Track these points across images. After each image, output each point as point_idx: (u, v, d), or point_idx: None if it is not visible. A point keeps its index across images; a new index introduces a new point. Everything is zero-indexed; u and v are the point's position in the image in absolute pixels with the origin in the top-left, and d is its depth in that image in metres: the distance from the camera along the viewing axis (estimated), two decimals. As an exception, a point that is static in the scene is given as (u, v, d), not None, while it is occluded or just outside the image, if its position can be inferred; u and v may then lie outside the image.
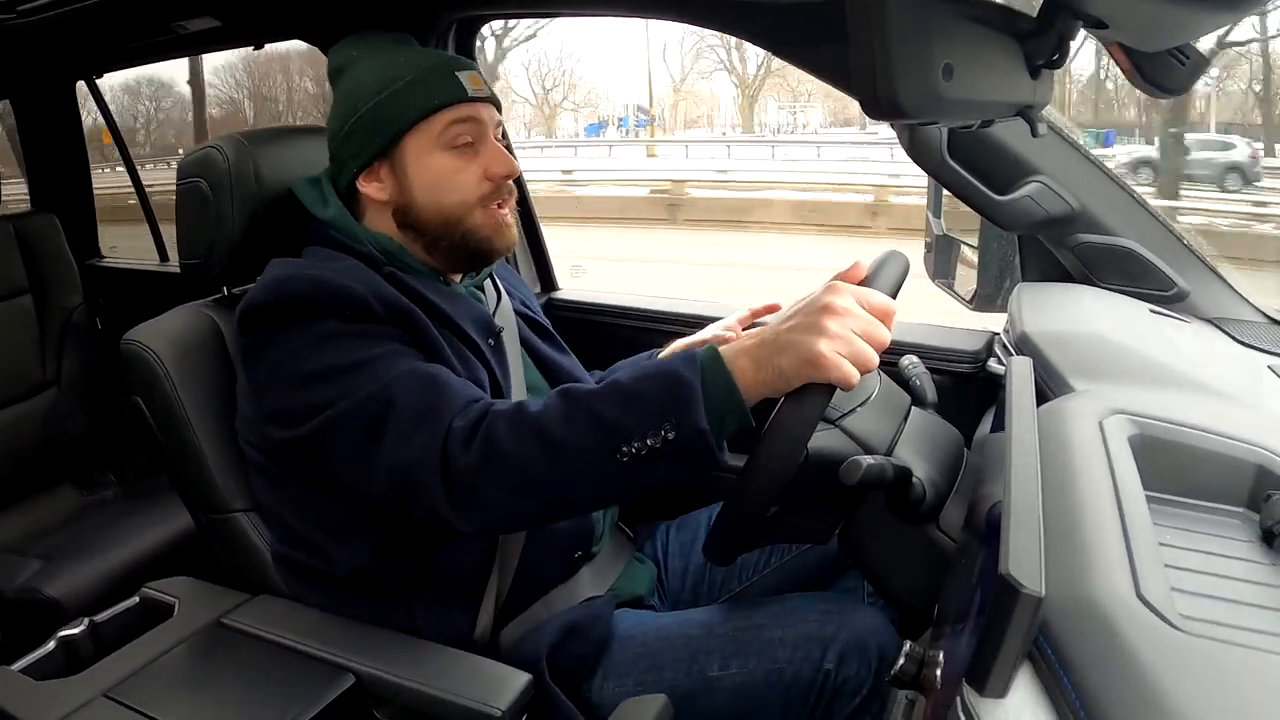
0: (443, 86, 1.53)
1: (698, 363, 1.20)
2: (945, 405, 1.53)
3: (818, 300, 1.20)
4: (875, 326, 1.19)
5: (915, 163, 1.70)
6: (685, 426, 1.16)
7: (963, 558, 1.11)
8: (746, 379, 1.19)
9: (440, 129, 1.53)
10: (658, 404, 1.18)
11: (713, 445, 1.17)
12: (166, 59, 3.08)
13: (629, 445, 1.17)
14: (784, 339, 1.18)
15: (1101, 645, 0.70)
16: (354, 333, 1.38)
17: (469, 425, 1.26)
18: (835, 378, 1.14)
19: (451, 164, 1.54)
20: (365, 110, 1.53)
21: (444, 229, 1.55)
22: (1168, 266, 1.70)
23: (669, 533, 1.90)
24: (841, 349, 1.14)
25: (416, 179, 1.54)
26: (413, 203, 1.55)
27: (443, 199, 1.54)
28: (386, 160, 1.55)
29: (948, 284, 2.10)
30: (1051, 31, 1.07)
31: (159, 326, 1.63)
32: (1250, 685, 0.66)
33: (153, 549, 2.56)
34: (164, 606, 1.47)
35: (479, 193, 1.54)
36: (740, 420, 1.20)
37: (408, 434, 1.28)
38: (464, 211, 1.54)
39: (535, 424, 1.23)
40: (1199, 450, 1.05)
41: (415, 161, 1.54)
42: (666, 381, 1.19)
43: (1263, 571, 0.90)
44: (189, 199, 1.64)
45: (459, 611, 1.50)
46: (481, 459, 1.23)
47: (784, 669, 1.45)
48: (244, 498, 1.60)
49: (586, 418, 1.21)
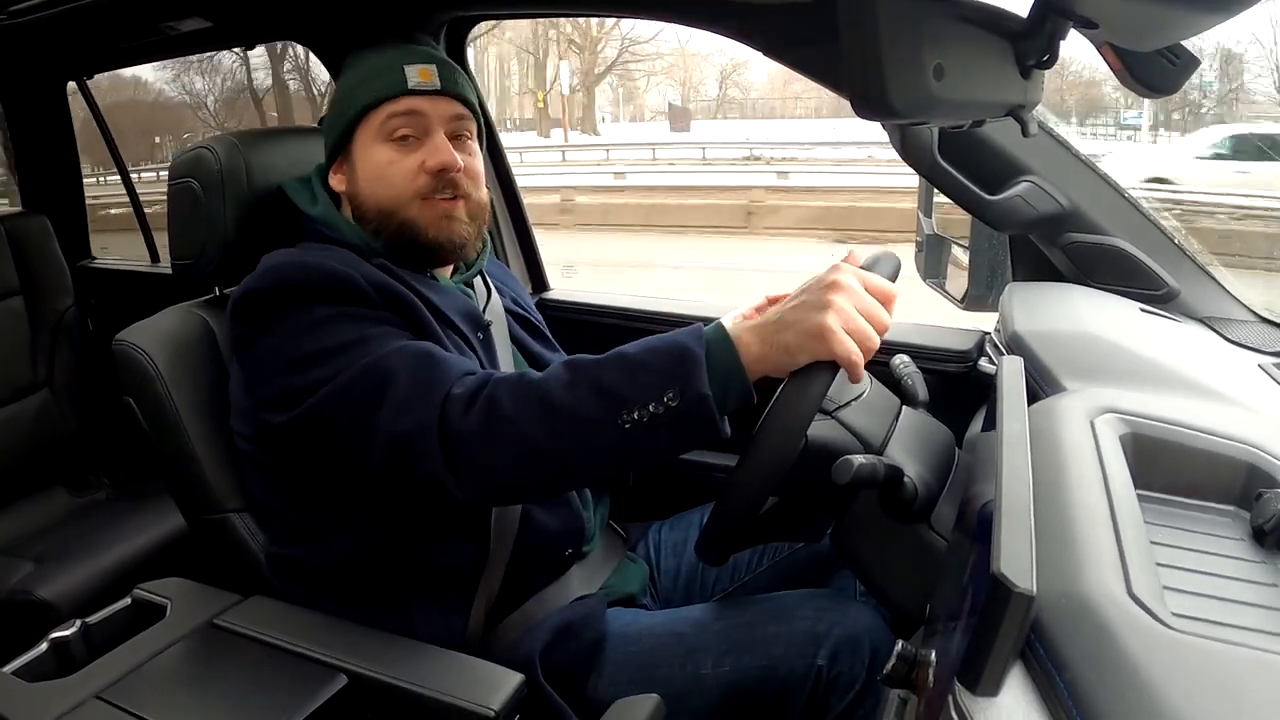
0: (385, 80, 1.57)
1: (703, 335, 1.22)
2: (937, 405, 1.53)
3: (823, 279, 1.23)
4: (877, 307, 1.22)
5: (906, 163, 1.70)
6: (689, 393, 1.17)
7: (954, 557, 1.11)
8: (751, 353, 1.21)
9: (380, 121, 1.57)
10: (662, 371, 1.19)
11: (715, 414, 1.18)
12: (157, 60, 3.08)
13: (631, 412, 1.19)
14: (789, 315, 1.20)
15: (1094, 644, 0.70)
16: (349, 315, 1.40)
17: (469, 392, 1.27)
18: (839, 353, 1.16)
19: (388, 156, 1.57)
20: (333, 106, 1.62)
21: (382, 220, 1.58)
22: (1158, 266, 1.71)
23: (661, 532, 1.91)
24: (847, 324, 1.17)
25: (361, 171, 1.59)
26: (358, 193, 1.59)
27: (379, 191, 1.57)
28: (346, 154, 1.61)
29: (939, 284, 2.10)
30: (1042, 31, 1.07)
31: (151, 327, 1.64)
32: (1243, 683, 0.66)
33: (145, 550, 2.56)
34: (156, 608, 1.46)
35: (414, 185, 1.56)
36: (743, 395, 1.22)
37: (405, 403, 1.29)
38: (399, 204, 1.56)
39: (538, 390, 1.24)
40: (1190, 449, 1.05)
41: (360, 154, 1.59)
42: (671, 350, 1.21)
43: (1254, 569, 0.91)
44: (181, 199, 1.65)
45: (451, 611, 1.50)
46: (483, 424, 1.24)
47: (777, 666, 1.45)
48: (236, 498, 1.60)
49: (589, 384, 1.22)
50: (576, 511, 1.61)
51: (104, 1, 2.17)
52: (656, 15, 1.93)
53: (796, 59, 1.73)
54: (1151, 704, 0.64)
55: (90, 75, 3.24)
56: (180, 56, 3.11)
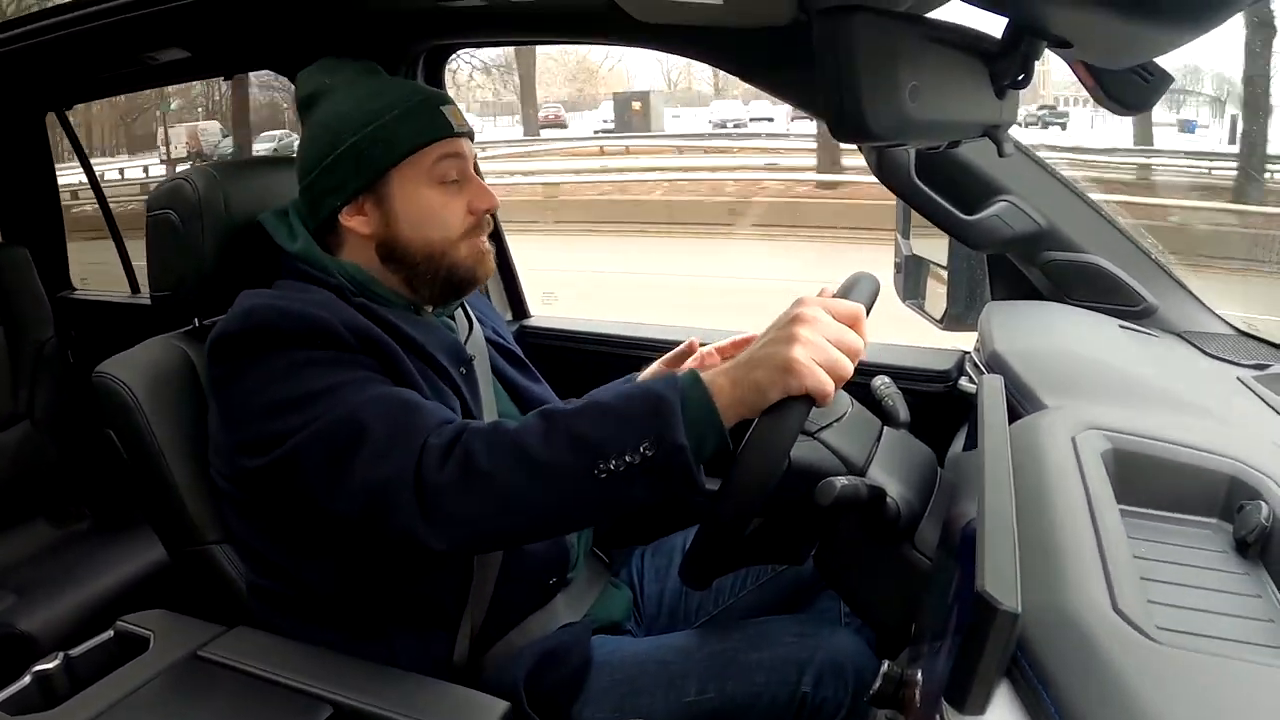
0: (431, 121, 1.54)
1: (678, 383, 1.22)
2: (918, 425, 1.53)
3: (787, 313, 1.23)
4: (846, 332, 1.21)
5: (884, 184, 1.71)
6: (664, 443, 1.17)
7: (939, 576, 1.12)
8: (725, 397, 1.20)
9: (430, 164, 1.53)
10: (637, 421, 1.19)
11: (691, 463, 1.18)
12: (137, 90, 3.08)
13: (607, 462, 1.18)
14: (758, 355, 1.20)
15: (1079, 659, 0.70)
16: (324, 360, 1.38)
17: (444, 443, 1.26)
18: (811, 385, 1.16)
19: (439, 199, 1.54)
20: (350, 143, 1.52)
21: (429, 262, 1.55)
22: (1136, 282, 1.72)
23: (644, 557, 1.90)
24: (815, 355, 1.17)
25: (403, 213, 1.54)
26: (398, 236, 1.54)
27: (430, 233, 1.54)
28: (371, 194, 1.54)
29: (918, 304, 2.11)
30: (1016, 52, 1.08)
31: (130, 359, 1.63)
32: (1228, 695, 0.67)
33: (127, 582, 2.54)
34: (139, 640, 1.45)
35: (464, 227, 1.55)
36: (719, 441, 1.21)
37: (381, 454, 1.27)
38: (449, 245, 1.55)
39: (513, 441, 1.23)
40: (1171, 463, 1.06)
41: (402, 195, 1.54)
42: (646, 400, 1.20)
43: (1237, 581, 0.91)
44: (159, 231, 1.64)
45: (435, 640, 1.49)
46: (458, 476, 1.23)
47: (761, 692, 1.45)
48: (217, 529, 1.59)
49: (565, 435, 1.21)
50: (560, 539, 1.60)
51: (84, 32, 2.17)
52: (632, 42, 1.94)
53: (773, 82, 1.75)
54: (1138, 717, 0.64)
55: (69, 106, 3.23)
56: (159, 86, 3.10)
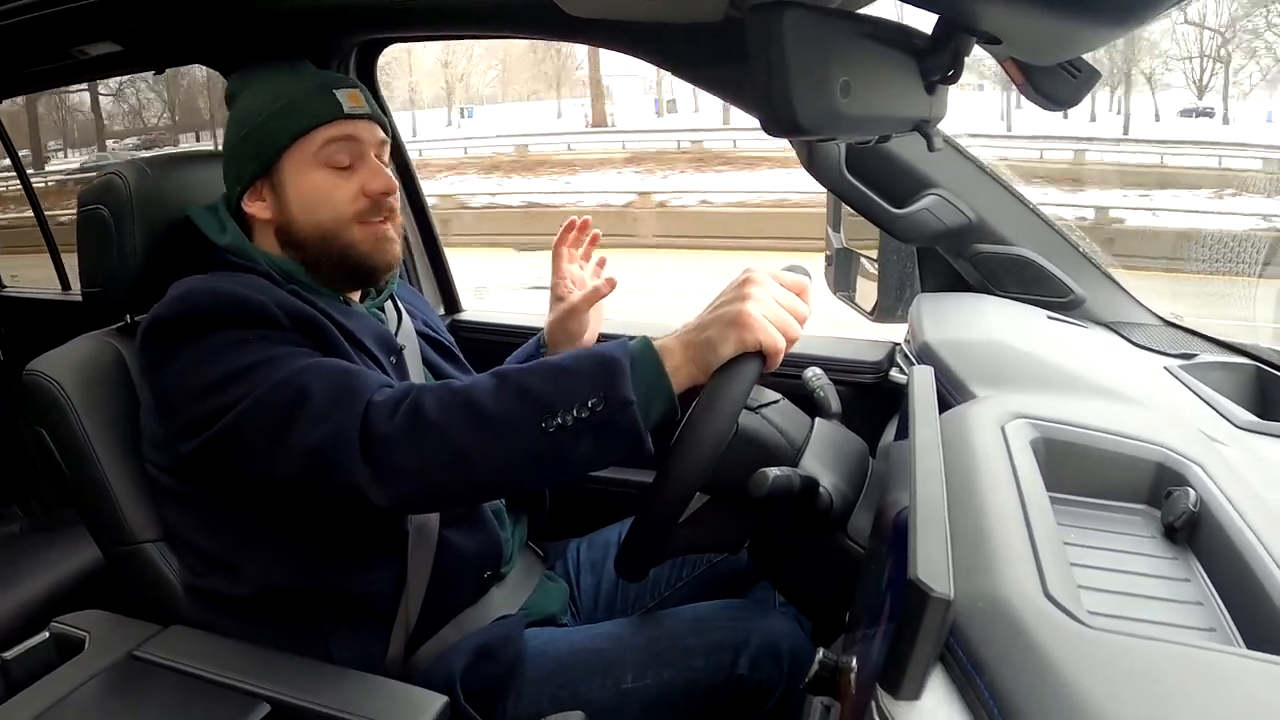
0: (319, 105, 1.54)
1: (627, 345, 1.24)
2: (849, 415, 1.55)
3: (736, 280, 1.27)
4: (793, 299, 1.26)
5: (814, 178, 1.72)
6: (612, 400, 1.19)
7: (872, 564, 1.12)
8: (674, 358, 1.23)
9: (317, 147, 1.54)
10: (586, 377, 1.21)
11: (638, 419, 1.20)
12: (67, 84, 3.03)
13: (555, 416, 1.20)
14: (708, 317, 1.24)
15: (1012, 644, 0.71)
16: (260, 339, 1.38)
17: (392, 399, 1.27)
18: (764, 340, 1.19)
19: (328, 181, 1.55)
20: (246, 132, 1.55)
21: (322, 245, 1.56)
22: (1064, 274, 1.74)
23: (580, 550, 1.90)
24: (767, 312, 1.20)
25: (294, 196, 1.55)
26: (292, 220, 1.56)
27: (319, 215, 1.55)
28: (267, 179, 1.56)
29: (849, 297, 2.13)
30: (947, 48, 1.09)
31: (62, 356, 1.61)
32: (1159, 677, 0.68)
33: (62, 582, 2.48)
34: (75, 641, 1.43)
35: (355, 209, 1.55)
36: (667, 405, 1.24)
37: (323, 414, 1.28)
38: (340, 227, 1.55)
39: (464, 395, 1.25)
40: (1099, 451, 1.07)
41: (292, 179, 1.55)
42: (596, 358, 1.23)
43: (1166, 565, 0.93)
44: (90, 226, 1.62)
45: (371, 636, 1.49)
46: (407, 426, 1.24)
47: (699, 678, 1.46)
48: (152, 528, 1.57)
49: (515, 389, 1.23)
50: (494, 532, 1.60)
51: (13, 25, 2.13)
52: (566, 36, 1.93)
53: (707, 78, 1.75)
54: (1071, 701, 0.64)
55: (-2, 100, 3.16)
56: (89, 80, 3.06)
